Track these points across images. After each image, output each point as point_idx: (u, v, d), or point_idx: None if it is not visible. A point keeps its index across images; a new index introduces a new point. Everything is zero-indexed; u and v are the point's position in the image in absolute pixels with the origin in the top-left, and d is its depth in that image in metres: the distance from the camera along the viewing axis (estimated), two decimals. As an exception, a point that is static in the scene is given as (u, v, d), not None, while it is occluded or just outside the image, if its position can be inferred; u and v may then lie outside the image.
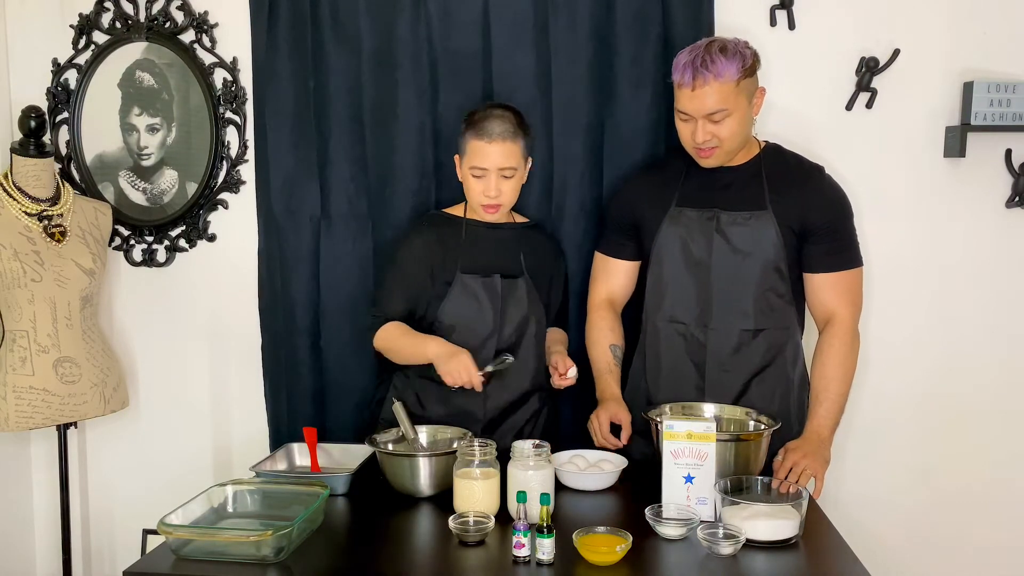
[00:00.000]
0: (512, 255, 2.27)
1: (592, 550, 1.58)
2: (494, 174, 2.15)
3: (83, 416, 2.51)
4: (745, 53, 2.00)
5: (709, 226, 2.10)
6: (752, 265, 2.08)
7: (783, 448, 1.97)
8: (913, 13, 2.39)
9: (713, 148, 2.04)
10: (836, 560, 1.62)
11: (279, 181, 2.58)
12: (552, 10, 2.43)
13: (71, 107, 2.71)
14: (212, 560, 1.61)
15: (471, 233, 2.25)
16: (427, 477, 1.91)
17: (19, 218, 2.43)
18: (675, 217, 2.14)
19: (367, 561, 1.65)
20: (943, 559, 2.52)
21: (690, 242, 2.12)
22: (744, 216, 2.08)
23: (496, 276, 2.21)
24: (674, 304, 2.13)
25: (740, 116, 2.01)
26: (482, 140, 2.14)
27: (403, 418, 2.06)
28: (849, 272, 2.10)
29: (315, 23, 2.52)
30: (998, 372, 2.48)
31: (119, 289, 2.81)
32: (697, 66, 1.97)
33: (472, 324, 2.19)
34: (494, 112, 2.17)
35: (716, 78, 1.96)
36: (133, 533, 2.71)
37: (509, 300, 2.22)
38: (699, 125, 2.01)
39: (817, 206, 2.07)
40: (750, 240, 2.08)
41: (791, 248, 2.08)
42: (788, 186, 2.09)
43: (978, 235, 2.44)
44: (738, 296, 2.09)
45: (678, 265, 2.14)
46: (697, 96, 1.99)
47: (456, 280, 2.20)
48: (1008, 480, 2.50)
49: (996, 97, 2.33)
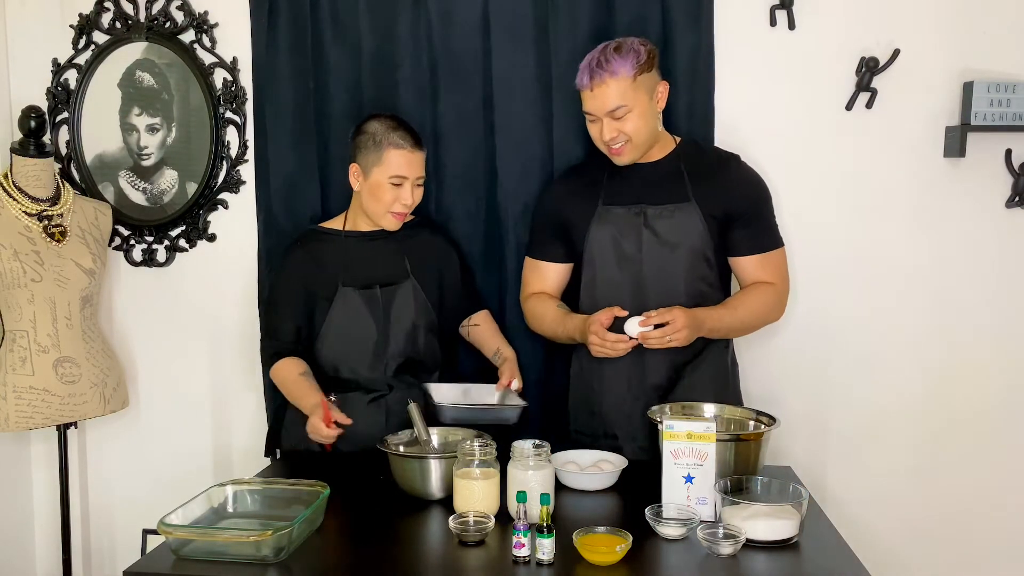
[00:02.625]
0: (394, 261, 2.28)
1: (592, 550, 1.58)
2: (412, 182, 2.19)
3: (83, 416, 2.51)
4: (639, 50, 2.05)
5: (637, 221, 2.15)
6: (680, 256, 2.13)
7: (673, 308, 2.01)
8: (913, 13, 2.39)
9: (622, 145, 2.09)
10: (836, 560, 1.62)
11: (279, 181, 2.58)
12: (552, 10, 2.43)
13: (71, 107, 2.71)
14: (212, 560, 1.61)
15: (350, 246, 2.27)
16: (438, 480, 1.89)
17: (19, 218, 2.43)
18: (603, 215, 2.18)
19: (367, 561, 1.65)
20: (943, 559, 2.52)
21: (620, 239, 2.16)
22: (669, 209, 2.14)
23: (376, 287, 2.24)
24: (609, 302, 2.14)
25: (641, 111, 2.06)
26: (405, 149, 2.18)
27: (417, 420, 2.04)
28: (774, 252, 2.19)
29: (315, 23, 2.52)
30: (998, 372, 2.48)
31: (119, 289, 2.81)
32: (593, 67, 2.05)
33: (357, 336, 2.23)
34: (397, 122, 2.21)
35: (612, 76, 2.03)
36: (133, 533, 2.71)
37: (392, 308, 2.24)
38: (604, 123, 2.08)
39: (737, 193, 2.15)
40: (677, 232, 2.13)
41: (715, 236, 2.14)
42: (707, 176, 2.15)
43: (978, 235, 2.44)
44: (670, 288, 2.14)
45: (610, 263, 2.18)
46: (597, 95, 2.06)
47: (338, 294, 2.23)
48: (1008, 480, 2.50)
49: (996, 97, 2.32)
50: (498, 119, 2.47)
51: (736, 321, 2.14)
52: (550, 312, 2.23)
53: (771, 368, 2.51)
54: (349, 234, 2.29)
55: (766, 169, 2.33)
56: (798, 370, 2.51)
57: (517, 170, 2.48)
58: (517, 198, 2.49)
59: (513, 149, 2.48)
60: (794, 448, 2.49)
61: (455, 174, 2.52)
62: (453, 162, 2.51)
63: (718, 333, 2.14)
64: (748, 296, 2.17)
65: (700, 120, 2.42)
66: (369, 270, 2.26)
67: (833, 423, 2.52)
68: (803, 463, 2.45)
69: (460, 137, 2.50)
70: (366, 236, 2.29)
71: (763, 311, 2.18)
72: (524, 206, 2.48)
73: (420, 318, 2.27)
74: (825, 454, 2.53)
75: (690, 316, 2.02)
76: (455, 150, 2.51)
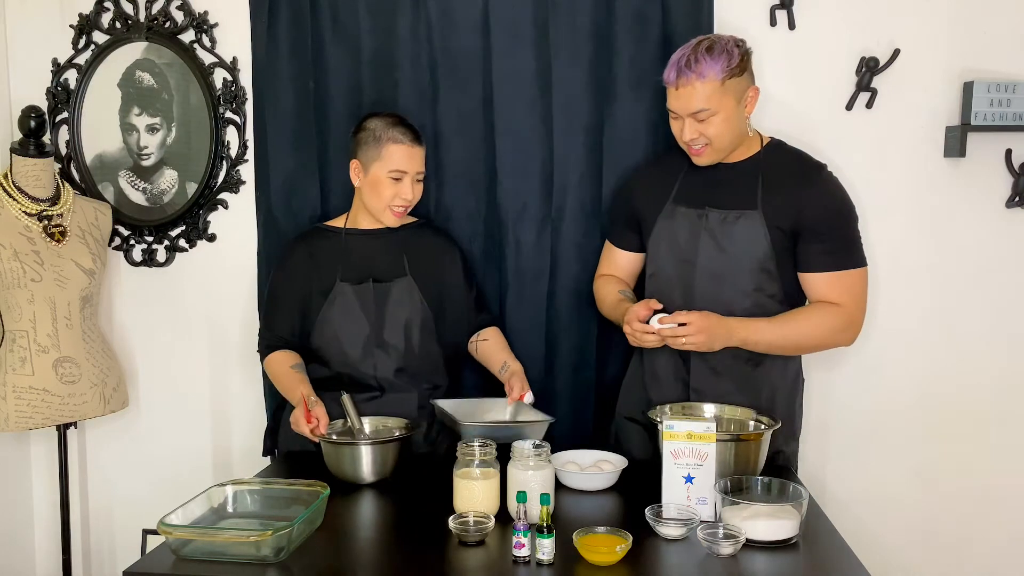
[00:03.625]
0: (393, 259, 2.29)
1: (592, 550, 1.58)
2: (411, 177, 2.21)
3: (83, 416, 2.51)
4: (732, 52, 1.98)
5: (699, 224, 2.11)
6: (737, 264, 2.07)
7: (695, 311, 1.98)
8: (913, 13, 2.39)
9: (703, 147, 2.05)
10: (836, 560, 1.62)
11: (279, 181, 2.58)
12: (552, 10, 2.42)
13: (71, 107, 2.71)
14: (212, 560, 1.61)
15: (349, 242, 2.29)
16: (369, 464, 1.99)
17: (19, 218, 2.43)
18: (669, 213, 2.16)
19: (367, 561, 1.65)
20: (943, 559, 2.52)
21: (680, 239, 2.13)
22: (733, 215, 2.07)
23: (369, 282, 2.24)
24: (663, 300, 2.13)
25: (726, 115, 2.00)
26: (405, 144, 2.19)
27: (350, 409, 2.10)
28: (847, 272, 2.05)
29: (315, 23, 2.52)
30: (998, 372, 2.48)
31: (119, 289, 2.81)
32: (681, 66, 1.99)
33: (350, 330, 2.23)
34: (397, 119, 2.24)
35: (699, 78, 1.97)
36: (133, 533, 2.71)
37: (387, 304, 2.24)
38: (686, 123, 2.03)
39: (810, 204, 2.03)
40: (737, 239, 2.07)
41: (781, 249, 2.06)
42: (782, 185, 2.07)
43: (978, 235, 2.44)
44: (723, 295, 2.08)
45: (668, 261, 2.15)
46: (681, 95, 2.00)
47: (334, 289, 2.25)
48: (1008, 480, 2.50)
49: (996, 97, 2.32)
50: (498, 119, 2.47)
51: (780, 337, 2.03)
52: (610, 296, 2.23)
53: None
54: (350, 231, 2.30)
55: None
56: (798, 370, 2.51)
57: (517, 170, 2.48)
58: (517, 198, 2.49)
59: (513, 149, 2.48)
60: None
61: (455, 174, 2.52)
62: (453, 162, 2.51)
63: (758, 346, 2.04)
64: (803, 313, 2.06)
65: (700, 120, 2.42)
66: (366, 266, 2.27)
67: (833, 423, 2.52)
68: (803, 463, 2.45)
69: (460, 137, 2.50)
70: (366, 233, 2.30)
71: (820, 332, 2.05)
72: (524, 206, 2.48)
73: (415, 316, 2.26)
74: (825, 454, 2.53)
75: (713, 322, 1.96)
76: (455, 150, 2.50)
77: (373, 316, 2.24)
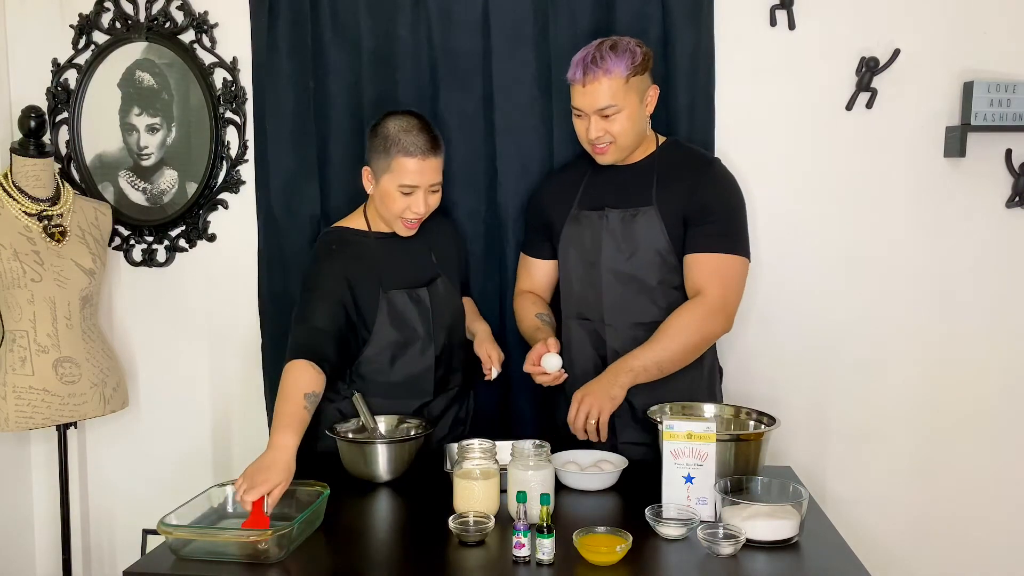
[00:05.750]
0: (425, 258, 2.24)
1: (592, 550, 1.58)
2: (424, 190, 2.08)
3: (83, 416, 2.51)
4: (635, 51, 2.03)
5: (600, 225, 2.14)
6: (640, 261, 2.11)
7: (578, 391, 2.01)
8: (913, 13, 2.39)
9: (607, 145, 2.08)
10: (836, 560, 1.62)
11: (279, 181, 2.58)
12: (552, 10, 2.43)
13: (71, 107, 2.71)
14: (212, 560, 1.61)
15: (382, 247, 2.18)
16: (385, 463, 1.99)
17: (19, 218, 2.43)
18: (575, 218, 2.20)
19: (367, 561, 1.65)
20: (943, 559, 2.52)
21: (584, 242, 2.17)
22: (630, 213, 2.12)
23: (423, 288, 2.18)
24: (579, 302, 2.17)
25: (631, 113, 2.05)
26: (415, 157, 2.04)
27: (363, 408, 2.09)
28: (726, 256, 2.06)
29: (315, 23, 2.52)
30: (998, 372, 2.48)
31: (119, 289, 2.81)
32: (588, 63, 2.03)
33: (407, 341, 2.16)
34: (412, 123, 2.07)
35: (605, 74, 2.01)
36: (133, 533, 2.71)
37: (436, 307, 2.20)
38: (592, 121, 2.06)
39: (700, 191, 2.08)
40: (636, 236, 2.11)
41: (678, 239, 2.09)
42: (676, 179, 2.11)
43: (978, 235, 2.44)
44: (630, 292, 2.12)
45: (576, 265, 2.19)
46: (588, 92, 2.04)
47: (382, 300, 2.13)
48: (1008, 480, 2.49)
49: (996, 97, 2.32)
50: (498, 119, 2.47)
51: (662, 350, 2.01)
52: (526, 320, 2.26)
53: (771, 368, 2.51)
54: (379, 235, 2.19)
55: (766, 169, 2.33)
56: (798, 370, 2.51)
57: (517, 170, 2.49)
58: (517, 197, 2.49)
59: (513, 149, 2.48)
60: (794, 448, 2.49)
61: (455, 174, 2.51)
62: (453, 162, 2.51)
63: (650, 371, 2.01)
64: (671, 320, 2.04)
65: (700, 120, 2.41)
66: (407, 271, 2.18)
67: (833, 423, 2.52)
68: (803, 463, 2.45)
69: (460, 137, 2.50)
70: (395, 236, 2.18)
71: (693, 326, 2.03)
72: (524, 205, 2.48)
73: (456, 309, 2.26)
74: (825, 454, 2.53)
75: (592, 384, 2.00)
76: (455, 150, 2.50)
77: (430, 320, 2.17)
